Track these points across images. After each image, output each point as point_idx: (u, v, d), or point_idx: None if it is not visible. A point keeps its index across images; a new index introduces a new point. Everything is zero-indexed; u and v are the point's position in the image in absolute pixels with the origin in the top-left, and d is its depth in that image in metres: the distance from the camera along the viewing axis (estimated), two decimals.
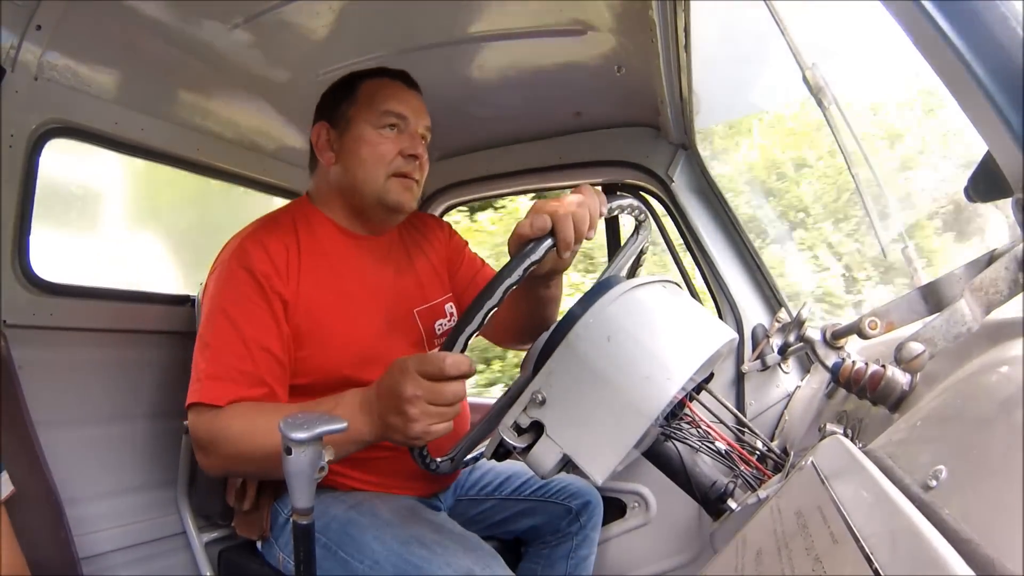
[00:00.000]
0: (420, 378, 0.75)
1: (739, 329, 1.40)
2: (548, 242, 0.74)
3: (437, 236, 1.30)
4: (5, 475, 0.81)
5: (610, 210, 0.83)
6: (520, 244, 0.76)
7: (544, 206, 0.75)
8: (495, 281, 0.72)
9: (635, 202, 0.88)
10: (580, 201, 0.76)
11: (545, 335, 0.80)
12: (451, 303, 1.24)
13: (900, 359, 0.59)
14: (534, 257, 0.73)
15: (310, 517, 0.64)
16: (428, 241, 1.28)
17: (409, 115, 1.10)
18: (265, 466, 0.90)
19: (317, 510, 1.03)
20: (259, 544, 1.11)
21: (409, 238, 1.25)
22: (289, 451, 0.62)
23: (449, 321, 1.21)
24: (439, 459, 0.88)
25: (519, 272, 0.72)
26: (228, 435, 0.91)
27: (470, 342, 0.74)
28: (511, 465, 1.27)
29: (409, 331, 1.15)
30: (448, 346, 0.75)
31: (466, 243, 1.35)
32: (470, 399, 1.77)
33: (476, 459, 0.98)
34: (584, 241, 0.78)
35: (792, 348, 1.29)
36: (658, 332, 0.76)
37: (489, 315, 0.72)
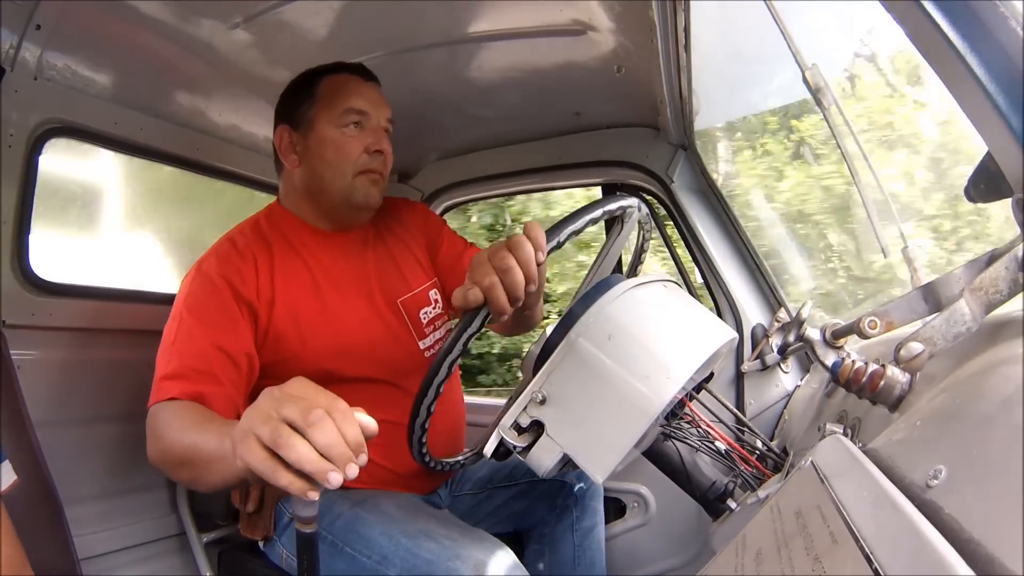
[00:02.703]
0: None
1: (739, 329, 1.40)
2: (483, 313, 0.75)
3: (413, 220, 1.30)
4: (7, 464, 0.81)
5: (610, 212, 0.83)
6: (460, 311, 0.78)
7: (475, 273, 0.75)
8: (439, 358, 0.75)
9: (636, 202, 0.88)
10: (507, 267, 0.73)
11: (545, 334, 0.80)
12: (435, 289, 1.23)
13: (900, 359, 0.59)
14: (471, 330, 0.75)
15: (313, 526, 0.62)
16: (404, 226, 1.27)
17: (370, 110, 1.10)
18: (181, 472, 0.84)
19: (321, 507, 1.03)
20: (261, 544, 1.11)
21: (384, 227, 1.25)
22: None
23: (434, 308, 1.20)
24: (438, 459, 0.88)
25: (459, 346, 0.75)
26: (158, 425, 0.88)
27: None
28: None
29: (394, 322, 1.15)
30: (412, 418, 0.79)
31: (443, 222, 1.35)
32: (470, 399, 1.76)
33: (476, 458, 0.98)
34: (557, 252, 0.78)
35: (792, 348, 1.29)
36: (658, 331, 0.76)
37: (440, 387, 0.77)
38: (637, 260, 1.05)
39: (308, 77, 1.14)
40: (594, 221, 0.78)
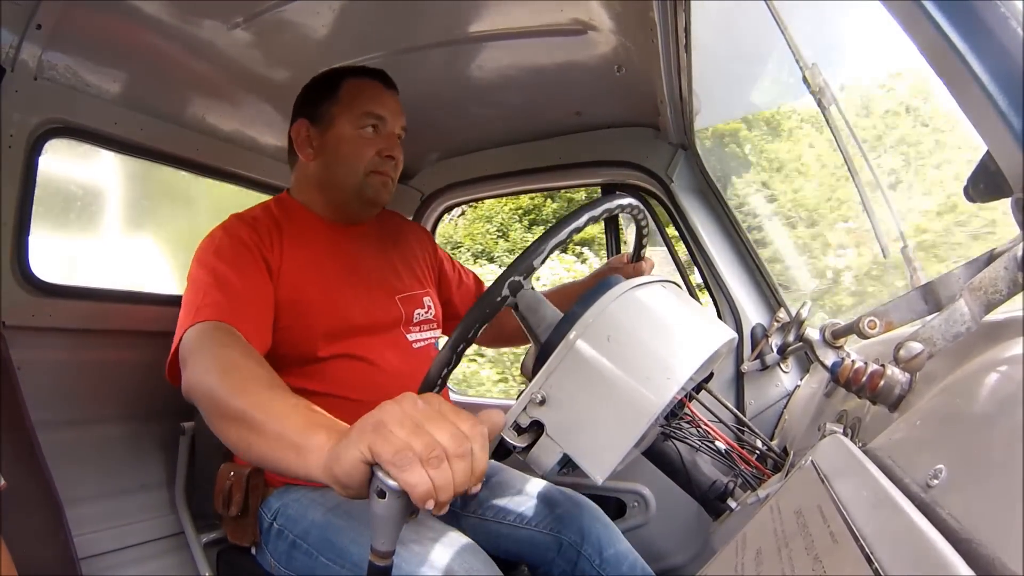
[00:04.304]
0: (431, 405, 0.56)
1: (738, 329, 1.40)
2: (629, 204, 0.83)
3: (419, 241, 1.37)
4: None
5: (609, 210, 0.83)
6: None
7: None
8: (570, 216, 0.77)
9: (635, 202, 0.88)
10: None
11: (545, 335, 0.80)
12: (429, 296, 1.27)
13: (899, 359, 0.59)
14: (594, 212, 0.78)
15: (390, 560, 0.58)
16: (407, 242, 1.33)
17: (388, 117, 1.15)
18: (229, 425, 0.73)
19: (295, 513, 1.04)
20: (252, 549, 1.11)
21: (387, 235, 1.30)
22: (382, 495, 0.55)
23: (426, 312, 1.24)
24: None
25: (582, 220, 0.77)
26: (217, 353, 0.82)
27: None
28: (495, 476, 1.24)
29: (389, 311, 1.18)
30: (531, 252, 0.75)
31: (450, 256, 1.45)
32: (466, 399, 1.76)
33: None
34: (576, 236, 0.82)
35: (791, 348, 1.29)
36: (658, 332, 0.75)
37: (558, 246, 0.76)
38: (636, 259, 1.05)
39: (332, 76, 1.17)
40: (594, 219, 0.79)
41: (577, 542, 1.11)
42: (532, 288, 0.78)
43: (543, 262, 0.75)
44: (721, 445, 0.90)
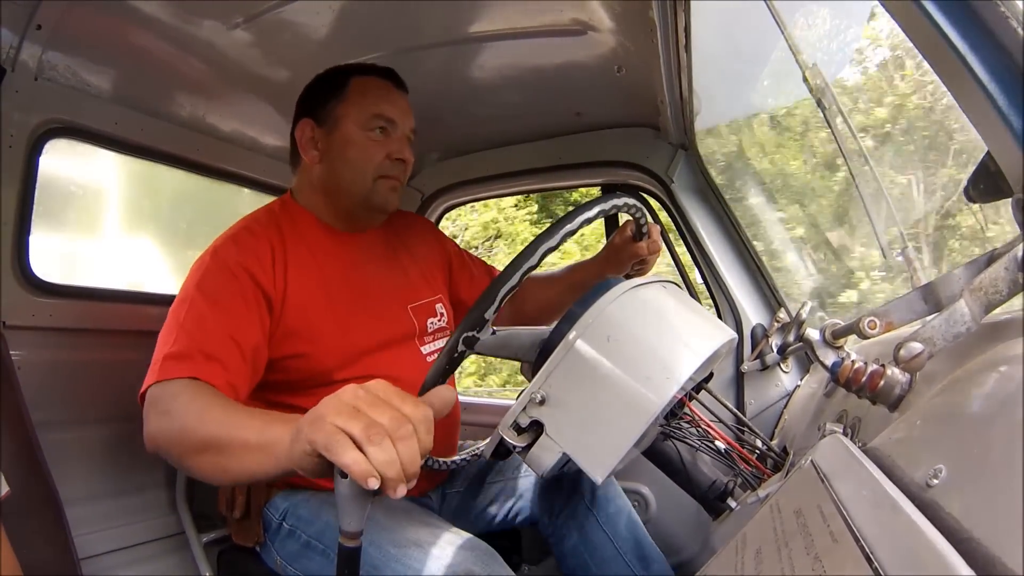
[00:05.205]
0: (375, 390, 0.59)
1: (739, 329, 1.41)
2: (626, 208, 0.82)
3: (425, 239, 1.32)
4: (0, 475, 0.81)
5: (606, 210, 0.83)
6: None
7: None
8: (574, 211, 0.76)
9: (634, 202, 0.88)
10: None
11: (545, 336, 0.80)
12: (441, 303, 1.24)
13: (899, 359, 0.59)
14: (604, 206, 0.78)
15: (358, 540, 0.59)
16: (415, 243, 1.29)
17: (398, 119, 1.11)
18: (199, 458, 0.76)
19: (308, 513, 1.04)
20: (257, 548, 1.11)
21: (395, 237, 1.25)
22: (344, 474, 0.56)
23: (439, 320, 1.21)
24: (436, 458, 0.88)
25: (592, 213, 0.76)
26: (172, 405, 0.82)
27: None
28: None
29: (401, 325, 1.14)
30: (481, 304, 0.72)
31: (457, 246, 1.40)
32: (466, 399, 1.75)
33: (473, 458, 0.98)
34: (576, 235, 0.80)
35: (791, 348, 1.29)
36: (658, 332, 0.75)
37: (565, 238, 0.74)
38: (639, 237, 1.04)
39: (338, 74, 1.12)
40: (589, 221, 0.78)
41: (581, 497, 1.14)
42: (493, 331, 0.76)
43: (497, 310, 0.72)
44: (721, 445, 0.90)
